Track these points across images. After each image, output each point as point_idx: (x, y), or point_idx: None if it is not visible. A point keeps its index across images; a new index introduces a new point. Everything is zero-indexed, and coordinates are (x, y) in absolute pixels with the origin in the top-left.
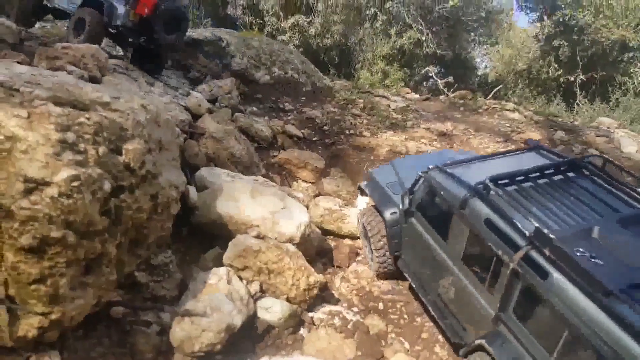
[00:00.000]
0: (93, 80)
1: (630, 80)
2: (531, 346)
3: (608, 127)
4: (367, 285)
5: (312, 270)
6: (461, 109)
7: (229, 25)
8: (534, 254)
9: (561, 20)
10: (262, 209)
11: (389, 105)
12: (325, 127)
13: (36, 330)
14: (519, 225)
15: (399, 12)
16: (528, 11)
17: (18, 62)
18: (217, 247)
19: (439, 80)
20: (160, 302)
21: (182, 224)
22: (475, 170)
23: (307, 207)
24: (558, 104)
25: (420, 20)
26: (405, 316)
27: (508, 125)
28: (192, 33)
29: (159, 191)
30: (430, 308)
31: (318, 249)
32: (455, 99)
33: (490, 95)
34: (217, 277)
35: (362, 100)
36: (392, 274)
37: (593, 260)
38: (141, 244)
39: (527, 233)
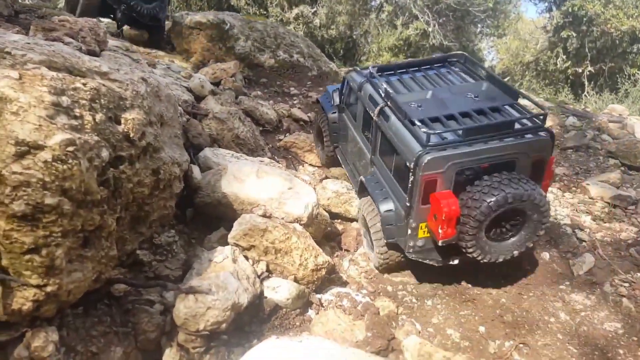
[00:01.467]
0: (91, 53)
1: (639, 72)
2: (383, 171)
3: (620, 114)
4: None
5: (320, 250)
6: None
7: None
8: (385, 108)
9: (570, 10)
10: (269, 189)
11: None
12: None
13: (31, 303)
14: (381, 92)
15: (406, 3)
16: (536, 1)
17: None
18: (221, 228)
19: None
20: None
21: (186, 206)
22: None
23: (314, 190)
24: (566, 96)
25: (427, 11)
26: (416, 299)
27: None
28: (194, 16)
29: (160, 166)
30: (348, 175)
31: (326, 232)
32: None
33: None
34: (223, 256)
35: None
36: (335, 161)
37: (419, 108)
38: (143, 221)
39: (384, 95)
